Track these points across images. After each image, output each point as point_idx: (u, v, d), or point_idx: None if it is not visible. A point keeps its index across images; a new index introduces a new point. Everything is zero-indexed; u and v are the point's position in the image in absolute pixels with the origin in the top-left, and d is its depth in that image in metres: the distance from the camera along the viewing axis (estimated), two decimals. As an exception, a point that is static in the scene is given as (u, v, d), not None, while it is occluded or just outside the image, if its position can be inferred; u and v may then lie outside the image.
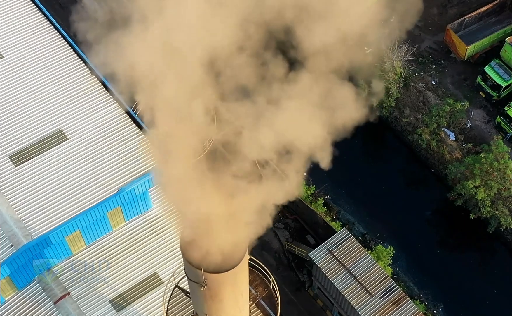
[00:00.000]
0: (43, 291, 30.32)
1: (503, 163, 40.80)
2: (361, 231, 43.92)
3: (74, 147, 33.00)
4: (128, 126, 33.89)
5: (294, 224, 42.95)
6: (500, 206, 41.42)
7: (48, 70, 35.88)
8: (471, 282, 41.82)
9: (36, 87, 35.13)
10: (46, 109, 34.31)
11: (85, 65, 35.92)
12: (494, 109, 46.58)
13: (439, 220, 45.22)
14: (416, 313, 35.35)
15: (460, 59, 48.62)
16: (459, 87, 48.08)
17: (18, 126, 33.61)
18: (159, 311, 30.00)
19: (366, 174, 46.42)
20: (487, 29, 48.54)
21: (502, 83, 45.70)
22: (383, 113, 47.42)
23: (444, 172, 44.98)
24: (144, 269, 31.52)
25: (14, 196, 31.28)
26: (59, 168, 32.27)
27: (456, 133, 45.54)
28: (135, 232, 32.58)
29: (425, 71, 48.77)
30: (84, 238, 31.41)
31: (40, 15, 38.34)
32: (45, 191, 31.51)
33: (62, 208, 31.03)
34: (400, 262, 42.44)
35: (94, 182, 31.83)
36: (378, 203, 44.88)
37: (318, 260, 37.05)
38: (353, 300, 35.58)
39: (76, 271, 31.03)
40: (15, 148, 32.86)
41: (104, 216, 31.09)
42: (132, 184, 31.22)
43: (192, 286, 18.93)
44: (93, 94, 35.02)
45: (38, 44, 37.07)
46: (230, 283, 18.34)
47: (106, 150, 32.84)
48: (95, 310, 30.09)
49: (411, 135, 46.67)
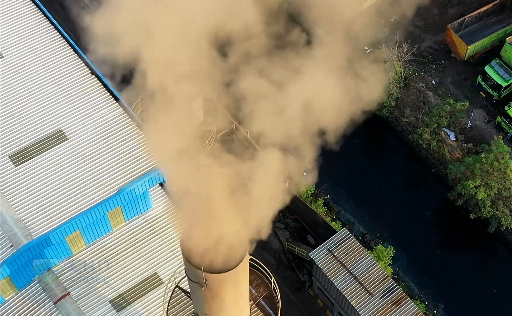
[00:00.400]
0: (43, 291, 30.26)
1: (504, 163, 40.78)
2: (361, 231, 43.89)
3: (74, 147, 32.90)
4: (128, 126, 33.82)
5: (294, 224, 42.92)
6: (501, 206, 41.40)
7: (48, 70, 35.79)
8: (472, 282, 41.78)
9: (36, 87, 35.03)
10: (46, 109, 34.21)
11: (85, 65, 35.85)
12: (494, 109, 46.55)
13: (439, 220, 45.18)
14: (417, 313, 35.32)
15: (461, 59, 48.59)
16: (459, 87, 48.04)
17: (18, 126, 33.51)
18: (159, 311, 29.95)
19: (366, 174, 46.38)
20: (488, 29, 48.52)
21: (502, 83, 45.67)
22: (383, 113, 47.39)
23: (444, 171, 44.94)
24: (144, 269, 31.47)
25: (14, 196, 31.19)
26: (59, 167, 32.17)
27: (456, 133, 45.51)
28: (135, 232, 32.53)
29: (426, 71, 48.73)
30: (84, 238, 31.36)
31: (40, 15, 38.27)
32: (45, 191, 31.42)
33: (62, 208, 30.94)
34: (400, 262, 42.39)
35: (94, 181, 31.74)
36: (378, 202, 44.84)
37: (319, 260, 37.03)
38: (354, 300, 35.55)
39: (76, 271, 30.98)
40: (15, 148, 32.76)
41: (104, 216, 31.05)
42: (132, 184, 31.16)
43: (192, 286, 18.89)
44: (93, 94, 34.94)
45: (38, 44, 36.96)
46: (231, 283, 18.30)
47: (106, 150, 32.77)
48: (95, 310, 30.03)
49: (412, 135, 46.62)
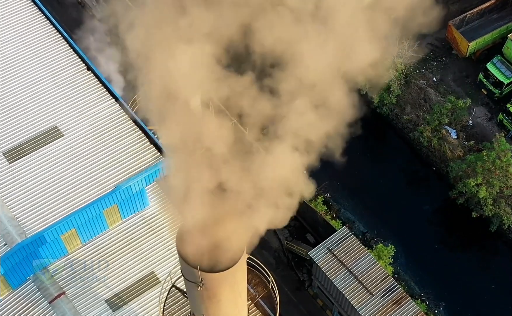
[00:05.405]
0: (38, 290, 29.87)
1: (506, 161, 40.48)
2: (361, 230, 43.60)
3: (70, 144, 32.54)
4: (124, 123, 33.43)
5: (293, 223, 42.60)
6: (502, 205, 41.07)
7: (44, 65, 35.41)
8: (473, 281, 41.50)
9: (31, 83, 34.66)
10: (41, 105, 33.83)
11: (81, 61, 35.47)
12: (496, 107, 46.32)
13: (440, 219, 44.92)
14: (417, 312, 35.06)
15: (462, 56, 48.33)
16: (460, 84, 47.76)
17: (12, 122, 33.13)
18: (156, 310, 29.60)
19: (366, 172, 46.08)
20: (489, 26, 48.28)
21: (504, 80, 45.35)
22: (383, 110, 47.09)
23: (445, 170, 44.63)
24: (141, 268, 31.10)
25: (8, 193, 30.81)
26: (54, 165, 31.82)
27: (457, 131, 45.22)
28: (132, 230, 32.17)
29: (427, 68, 48.44)
30: (80, 236, 30.97)
31: (35, 10, 37.87)
32: (40, 188, 31.05)
33: (57, 205, 30.59)
34: (401, 261, 42.13)
35: (90, 179, 31.41)
36: (378, 201, 44.55)
37: (318, 259, 36.76)
38: (354, 300, 35.26)
39: (72, 270, 30.62)
40: (9, 145, 32.38)
41: (100, 214, 30.68)
42: (129, 182, 30.77)
43: (188, 286, 18.54)
44: (89, 90, 34.58)
45: (33, 39, 36.59)
46: (228, 282, 17.94)
47: (102, 147, 32.43)
48: (91, 310, 29.63)
49: (412, 133, 46.31)
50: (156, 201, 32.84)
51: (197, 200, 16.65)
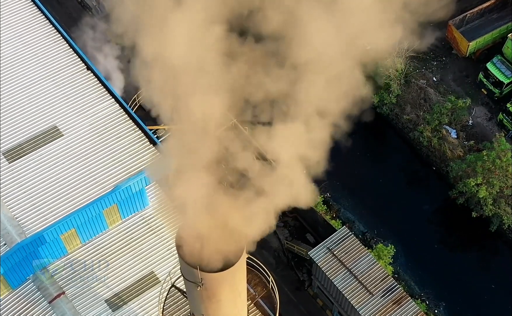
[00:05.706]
0: (37, 290, 29.85)
1: (506, 161, 40.40)
2: (361, 230, 43.54)
3: (69, 143, 32.59)
4: (124, 123, 33.41)
5: (293, 222, 42.53)
6: (503, 204, 41.00)
7: (43, 65, 35.48)
8: (473, 281, 41.42)
9: (31, 83, 34.74)
10: (40, 105, 33.91)
11: (81, 60, 35.45)
12: (496, 107, 46.18)
13: (440, 219, 44.84)
14: (417, 312, 34.96)
15: (462, 55, 48.23)
16: (460, 84, 47.67)
17: (12, 122, 33.20)
18: (156, 310, 29.55)
19: (366, 172, 46.02)
20: (489, 26, 48.13)
21: (504, 80, 45.26)
22: (383, 110, 47.02)
23: (445, 169, 44.55)
24: (140, 268, 31.06)
25: (8, 193, 30.85)
26: (54, 164, 31.86)
27: (457, 131, 45.15)
28: (132, 230, 32.12)
29: (427, 68, 48.38)
30: (80, 236, 30.93)
31: (35, 10, 37.86)
32: (40, 188, 31.09)
33: (57, 205, 30.63)
34: (401, 261, 42.05)
35: (90, 179, 31.44)
36: (378, 201, 44.47)
37: (318, 259, 36.68)
38: (354, 300, 35.18)
39: (72, 270, 30.59)
40: (9, 144, 32.40)
41: (100, 213, 30.64)
42: (128, 181, 30.73)
43: (188, 286, 18.49)
44: (89, 90, 34.61)
45: (33, 39, 36.63)
46: (227, 282, 17.88)
47: (102, 147, 32.45)
48: (91, 310, 29.59)
49: (412, 132, 46.24)
50: (156, 201, 32.79)
51: (197, 200, 16.62)
